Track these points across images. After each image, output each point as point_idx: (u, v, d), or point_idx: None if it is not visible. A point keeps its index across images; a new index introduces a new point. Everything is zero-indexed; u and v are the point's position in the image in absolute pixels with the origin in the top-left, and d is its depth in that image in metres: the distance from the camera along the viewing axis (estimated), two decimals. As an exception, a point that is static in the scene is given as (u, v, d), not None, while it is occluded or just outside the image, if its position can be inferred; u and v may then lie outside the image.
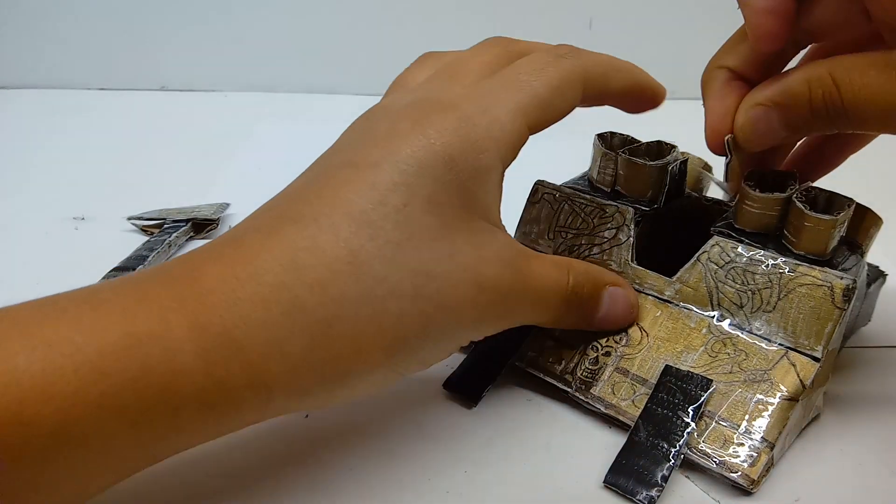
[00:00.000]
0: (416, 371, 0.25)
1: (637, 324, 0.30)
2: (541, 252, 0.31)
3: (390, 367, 0.23)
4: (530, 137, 0.27)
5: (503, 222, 0.27)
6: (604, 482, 0.26)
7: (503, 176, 0.26)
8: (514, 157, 0.26)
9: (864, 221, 0.30)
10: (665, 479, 0.25)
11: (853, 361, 0.32)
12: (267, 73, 0.69)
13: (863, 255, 0.30)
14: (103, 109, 0.65)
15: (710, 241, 0.29)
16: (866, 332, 0.34)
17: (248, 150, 0.57)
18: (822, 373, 0.27)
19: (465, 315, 0.24)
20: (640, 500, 0.25)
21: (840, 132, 0.27)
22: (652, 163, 0.31)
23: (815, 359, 0.27)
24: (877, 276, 0.33)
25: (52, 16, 0.67)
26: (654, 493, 0.25)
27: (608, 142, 0.33)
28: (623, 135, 0.33)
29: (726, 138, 0.29)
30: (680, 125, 0.33)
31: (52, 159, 0.55)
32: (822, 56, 0.27)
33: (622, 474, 0.26)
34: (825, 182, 0.30)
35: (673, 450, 0.26)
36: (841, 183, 0.30)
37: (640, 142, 0.33)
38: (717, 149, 0.29)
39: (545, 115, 0.26)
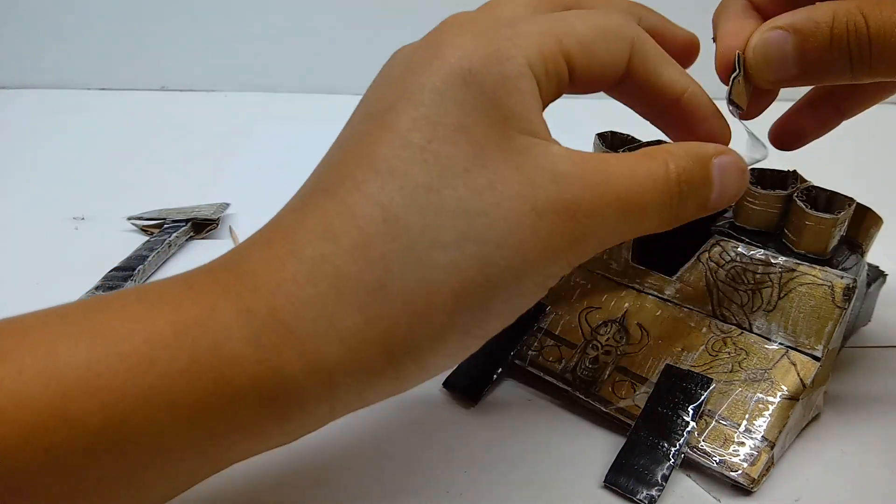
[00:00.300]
0: (497, 329, 0.22)
1: (637, 323, 0.30)
2: None
3: (460, 328, 0.20)
4: None
5: None
6: (604, 482, 0.26)
7: (538, 89, 0.22)
8: (552, 87, 0.22)
9: (864, 221, 0.30)
10: (665, 478, 0.25)
11: (853, 361, 0.32)
12: (267, 73, 0.69)
13: (863, 254, 0.30)
14: (103, 109, 0.65)
15: (711, 241, 0.29)
16: (866, 331, 0.34)
17: (248, 150, 0.57)
18: (823, 372, 0.27)
19: (527, 249, 0.20)
20: (640, 500, 0.25)
21: (850, 82, 0.25)
22: None
23: (816, 358, 0.27)
24: (877, 276, 0.33)
25: (52, 16, 0.67)
26: (654, 492, 0.25)
27: (608, 141, 0.33)
28: (623, 134, 0.33)
29: (737, 52, 0.26)
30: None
31: (52, 159, 0.55)
32: None
33: (622, 474, 0.26)
34: (826, 181, 0.30)
35: (673, 449, 0.26)
36: (842, 182, 0.30)
37: (639, 141, 0.33)
38: (725, 69, 0.26)
39: (584, 54, 0.22)
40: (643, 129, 0.34)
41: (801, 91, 0.29)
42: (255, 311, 0.19)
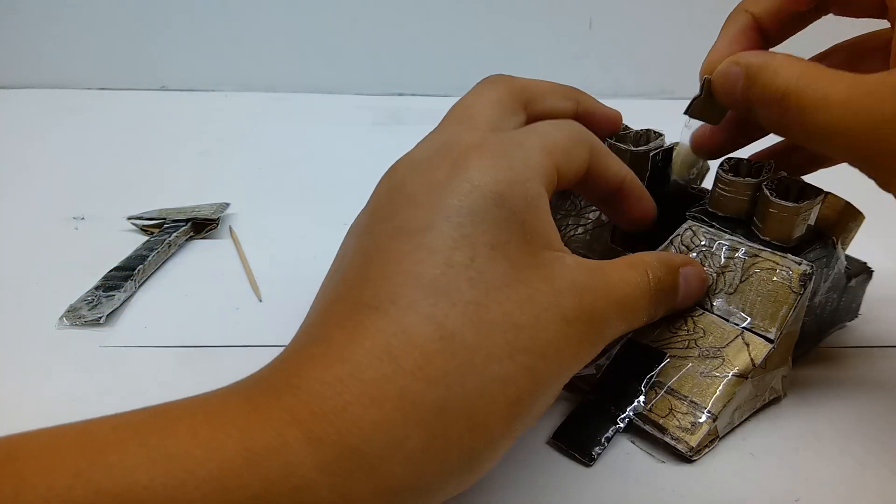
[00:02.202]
0: (530, 427, 0.23)
1: None
2: None
3: (510, 433, 0.22)
4: None
5: None
6: (550, 439, 0.27)
7: (550, 204, 0.25)
8: (552, 192, 0.25)
9: (842, 215, 0.30)
10: (608, 439, 0.27)
11: (853, 361, 0.33)
12: (267, 73, 0.69)
13: (835, 247, 0.30)
14: (103, 109, 0.65)
15: (684, 225, 0.31)
16: (866, 332, 0.34)
17: (248, 150, 0.57)
18: (777, 355, 0.28)
19: (564, 354, 0.23)
20: (581, 457, 0.27)
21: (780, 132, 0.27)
22: (635, 149, 0.32)
23: (769, 340, 0.28)
24: (860, 271, 0.33)
25: (52, 16, 0.67)
26: (595, 451, 0.27)
27: None
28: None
29: (704, 76, 0.29)
30: (679, 123, 0.33)
31: (52, 159, 0.55)
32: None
33: (568, 433, 0.28)
34: (829, 182, 0.30)
35: (621, 413, 0.28)
36: (839, 179, 0.30)
37: (630, 129, 0.34)
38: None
39: (566, 162, 0.26)
40: (642, 126, 0.34)
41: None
42: (324, 438, 0.19)
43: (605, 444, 0.27)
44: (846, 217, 0.30)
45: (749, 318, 0.28)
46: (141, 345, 0.34)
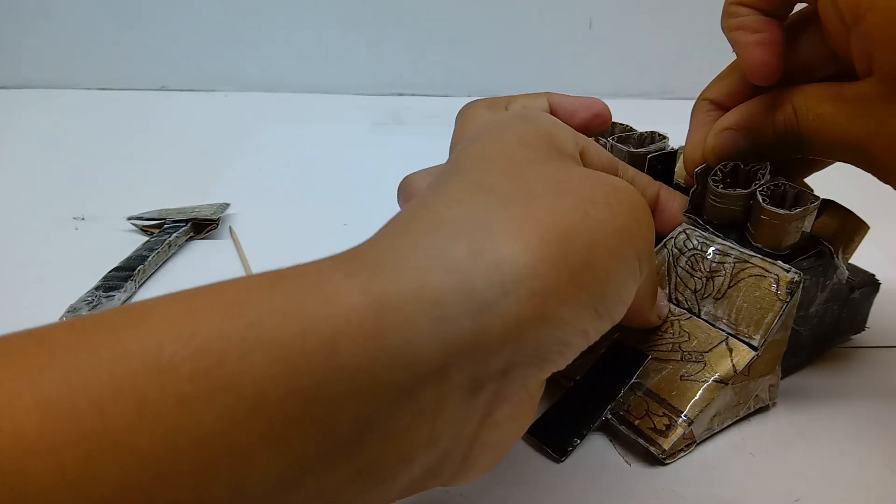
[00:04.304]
0: (614, 302, 0.21)
1: None
2: None
3: (573, 271, 0.19)
4: None
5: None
6: (525, 432, 0.27)
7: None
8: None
9: (844, 225, 0.30)
10: (582, 436, 0.27)
11: (853, 361, 0.32)
12: (267, 73, 0.69)
13: (833, 256, 0.29)
14: (103, 109, 0.65)
15: (679, 228, 0.31)
16: (867, 333, 0.34)
17: (248, 150, 0.57)
18: (762, 363, 0.28)
19: (613, 206, 0.21)
20: (552, 451, 0.27)
21: (804, 156, 0.29)
22: (635, 150, 0.32)
23: (753, 347, 0.28)
24: (866, 282, 0.32)
25: (52, 16, 0.67)
26: (567, 447, 0.27)
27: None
28: (623, 124, 0.34)
29: (695, 170, 0.30)
30: (679, 124, 0.33)
31: (52, 159, 0.55)
32: None
33: (543, 427, 0.28)
34: (835, 192, 0.30)
35: (598, 412, 0.28)
36: (837, 186, 0.30)
37: (635, 130, 0.34)
38: (690, 169, 0.31)
39: (594, 148, 0.27)
40: (643, 127, 0.34)
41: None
42: (354, 257, 0.18)
43: (579, 441, 0.27)
44: (848, 227, 0.30)
45: (735, 324, 0.28)
46: (141, 345, 0.34)
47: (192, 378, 0.15)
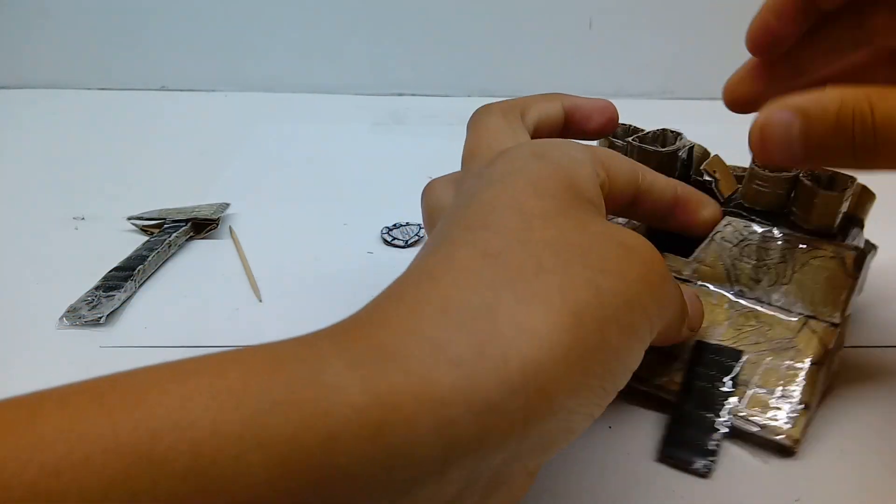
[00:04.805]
0: (619, 372, 0.21)
1: None
2: None
3: (583, 356, 0.19)
4: None
5: None
6: (660, 456, 0.27)
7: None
8: (604, 191, 0.25)
9: (860, 197, 0.31)
10: (717, 447, 0.27)
11: (853, 361, 0.32)
12: (267, 73, 0.69)
13: (862, 227, 0.31)
14: (103, 109, 0.65)
15: (723, 221, 0.31)
16: (866, 332, 0.34)
17: (248, 150, 0.57)
18: (839, 337, 0.29)
19: (627, 274, 0.21)
20: (697, 469, 0.26)
21: (855, 169, 0.25)
22: (664, 149, 0.33)
23: (834, 325, 0.29)
24: (870, 248, 0.34)
25: (52, 16, 0.67)
26: (709, 460, 0.27)
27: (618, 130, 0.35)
28: (626, 124, 0.34)
29: (703, 168, 0.31)
30: (680, 123, 0.33)
31: (52, 159, 0.55)
32: None
33: (676, 447, 0.27)
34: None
35: (719, 419, 0.28)
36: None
37: (643, 130, 0.34)
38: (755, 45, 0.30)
39: (616, 169, 0.26)
40: (645, 127, 0.34)
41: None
42: (355, 341, 0.18)
43: (717, 452, 0.27)
44: (864, 199, 0.31)
45: (812, 306, 0.29)
46: (141, 345, 0.34)
47: (185, 476, 0.15)
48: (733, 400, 0.28)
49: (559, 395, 0.18)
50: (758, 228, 0.30)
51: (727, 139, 0.33)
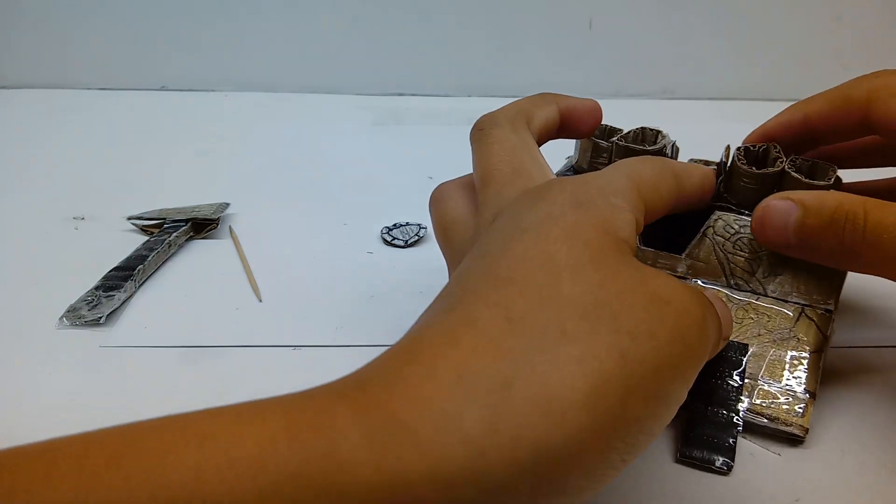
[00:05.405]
0: (640, 445, 0.20)
1: None
2: None
3: (597, 434, 0.18)
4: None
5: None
6: (679, 457, 0.27)
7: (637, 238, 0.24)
8: (640, 220, 0.24)
9: (840, 187, 0.32)
10: (735, 443, 0.27)
11: (852, 362, 0.32)
12: (267, 73, 0.69)
13: None
14: (103, 109, 0.65)
15: (713, 216, 0.31)
16: (865, 332, 0.34)
17: (248, 150, 0.57)
18: (835, 324, 0.30)
19: (659, 337, 0.19)
20: (718, 468, 0.27)
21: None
22: (650, 147, 0.33)
23: (829, 311, 0.29)
24: None
25: (52, 16, 0.67)
26: (728, 457, 0.27)
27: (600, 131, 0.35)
28: (603, 125, 0.35)
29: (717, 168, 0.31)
30: (679, 124, 0.33)
31: (52, 159, 0.55)
32: None
33: (693, 446, 0.27)
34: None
35: (734, 415, 0.28)
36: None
37: (621, 130, 0.34)
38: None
39: (656, 192, 0.25)
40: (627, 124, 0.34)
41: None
42: (371, 411, 0.17)
43: (734, 448, 0.27)
44: (837, 183, 0.32)
45: (806, 295, 0.29)
46: (141, 345, 0.34)
47: None
48: (744, 394, 0.28)
49: (571, 476, 0.18)
50: (748, 221, 0.30)
51: (727, 139, 0.33)
